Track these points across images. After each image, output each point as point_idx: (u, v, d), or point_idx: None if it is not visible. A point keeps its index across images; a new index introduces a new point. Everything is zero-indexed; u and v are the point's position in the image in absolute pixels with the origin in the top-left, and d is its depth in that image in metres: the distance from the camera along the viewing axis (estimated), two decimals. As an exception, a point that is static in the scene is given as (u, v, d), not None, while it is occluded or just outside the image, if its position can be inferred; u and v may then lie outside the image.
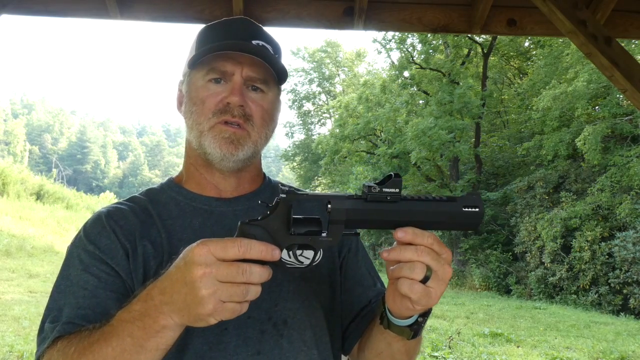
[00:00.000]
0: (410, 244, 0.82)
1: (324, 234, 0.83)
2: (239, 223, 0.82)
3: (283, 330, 1.03)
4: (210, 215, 1.10)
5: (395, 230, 0.83)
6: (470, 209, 0.85)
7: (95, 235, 1.03)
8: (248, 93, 1.08)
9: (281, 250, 0.80)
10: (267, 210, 0.82)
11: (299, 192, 0.82)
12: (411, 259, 0.82)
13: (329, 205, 0.81)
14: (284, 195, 0.81)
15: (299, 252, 0.86)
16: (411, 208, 0.83)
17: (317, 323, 1.08)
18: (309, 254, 0.86)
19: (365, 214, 0.82)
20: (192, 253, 0.76)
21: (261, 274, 0.78)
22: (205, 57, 1.06)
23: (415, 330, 0.93)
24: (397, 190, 0.82)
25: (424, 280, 0.83)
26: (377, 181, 0.83)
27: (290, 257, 0.85)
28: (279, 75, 1.11)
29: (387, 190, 0.82)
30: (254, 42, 1.07)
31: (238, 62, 1.06)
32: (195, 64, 1.07)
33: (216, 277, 0.75)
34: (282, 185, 0.82)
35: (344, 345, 1.17)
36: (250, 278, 0.76)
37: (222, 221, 1.09)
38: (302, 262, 0.86)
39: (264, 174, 1.23)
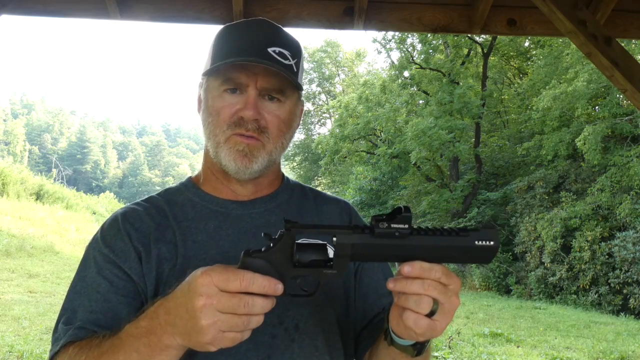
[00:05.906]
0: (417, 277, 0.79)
1: (329, 265, 0.80)
2: (241, 254, 0.80)
3: (294, 334, 1.02)
4: (226, 218, 1.09)
5: (401, 265, 0.80)
6: (483, 243, 0.80)
7: (111, 238, 1.04)
8: (264, 103, 1.05)
9: (284, 283, 0.79)
10: (270, 242, 0.80)
11: (303, 225, 0.81)
12: (417, 292, 0.79)
13: (334, 239, 0.79)
14: (287, 230, 0.79)
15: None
16: (420, 243, 0.79)
17: (330, 329, 1.07)
18: (314, 282, 0.83)
19: (371, 248, 0.79)
20: (196, 282, 0.76)
21: (263, 305, 0.77)
22: (219, 65, 1.04)
23: (418, 349, 0.92)
24: (407, 226, 0.78)
25: (430, 314, 0.80)
26: (386, 214, 0.80)
27: (294, 288, 0.83)
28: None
29: (395, 226, 0.78)
30: (270, 49, 1.04)
31: (252, 73, 1.03)
32: (210, 73, 1.06)
33: (217, 308, 0.75)
34: (286, 220, 0.80)
35: (356, 352, 1.15)
36: (252, 310, 0.76)
37: (238, 224, 1.09)
38: (307, 291, 0.84)
39: (283, 174, 1.22)
